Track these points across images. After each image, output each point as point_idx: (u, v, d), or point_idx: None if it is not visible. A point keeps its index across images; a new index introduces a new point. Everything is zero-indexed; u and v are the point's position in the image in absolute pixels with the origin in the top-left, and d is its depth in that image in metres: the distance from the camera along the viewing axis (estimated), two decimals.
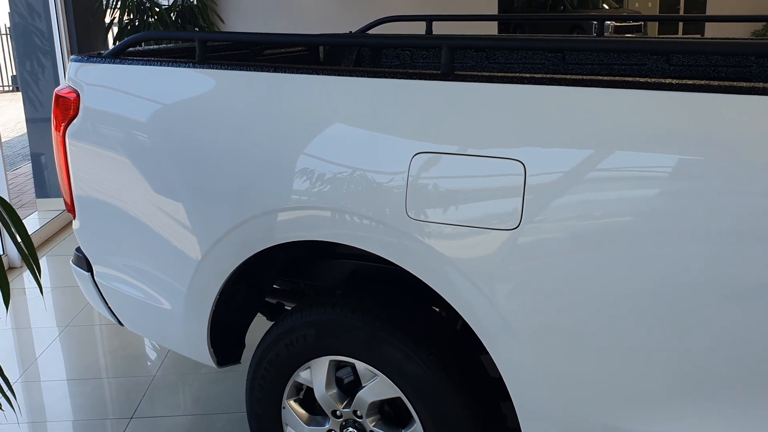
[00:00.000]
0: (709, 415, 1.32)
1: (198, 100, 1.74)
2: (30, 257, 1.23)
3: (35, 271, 1.25)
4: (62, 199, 4.80)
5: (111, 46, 5.93)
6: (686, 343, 1.29)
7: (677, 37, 8.96)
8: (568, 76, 1.35)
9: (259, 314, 2.17)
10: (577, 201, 1.32)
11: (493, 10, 6.92)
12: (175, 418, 2.56)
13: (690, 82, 1.25)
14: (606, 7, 13.94)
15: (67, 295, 3.75)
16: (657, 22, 11.58)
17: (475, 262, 1.43)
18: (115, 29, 5.59)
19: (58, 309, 3.60)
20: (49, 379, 2.87)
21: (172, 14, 5.65)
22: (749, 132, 1.19)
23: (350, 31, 3.19)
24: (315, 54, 3.14)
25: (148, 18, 5.47)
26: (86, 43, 5.37)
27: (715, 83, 1.23)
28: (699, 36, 8.57)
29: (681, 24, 10.19)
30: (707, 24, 7.43)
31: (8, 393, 2.44)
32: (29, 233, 3.86)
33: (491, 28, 7.16)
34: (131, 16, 5.53)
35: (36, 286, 3.93)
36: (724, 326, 1.26)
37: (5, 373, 2.39)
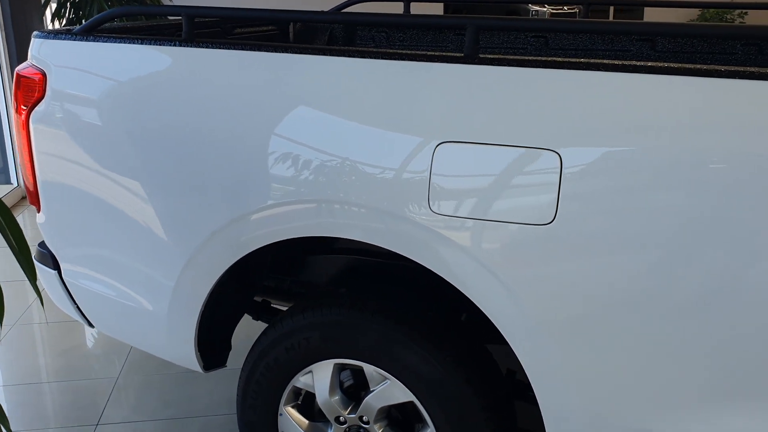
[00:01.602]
0: (743, 416, 1.27)
1: (186, 83, 1.58)
2: (27, 265, 1.07)
3: (33, 278, 1.09)
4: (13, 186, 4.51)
5: (49, 23, 5.57)
6: (724, 343, 1.23)
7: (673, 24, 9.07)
8: (609, 61, 1.27)
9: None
10: (617, 194, 1.24)
11: None
12: (145, 423, 2.39)
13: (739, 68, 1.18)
14: None
15: (14, 289, 3.49)
16: (588, 7, 11.71)
17: (505, 259, 1.34)
18: (54, 6, 5.24)
19: (13, 304, 3.35)
20: (2, 384, 2.65)
21: None
22: None
23: (323, 11, 3.03)
24: (285, 33, 2.98)
25: None
26: (21, 21, 5.02)
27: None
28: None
29: (611, 9, 10.30)
30: (646, 10, 7.52)
31: None
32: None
33: (435, 9, 7.05)
34: None
35: None
36: (761, 326, 1.20)
37: None
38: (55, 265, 1.93)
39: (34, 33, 1.82)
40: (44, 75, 1.76)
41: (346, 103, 1.44)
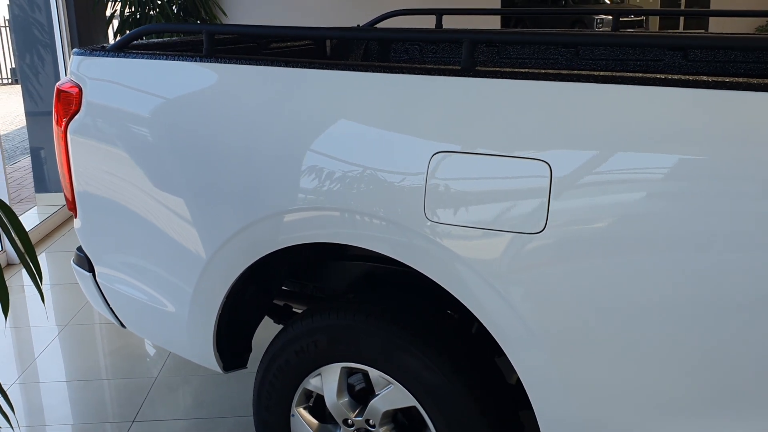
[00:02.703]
0: (736, 422, 1.26)
1: (206, 96, 1.67)
2: (31, 263, 1.16)
3: (36, 276, 1.18)
4: (62, 194, 4.72)
5: (112, 39, 5.85)
6: (714, 348, 1.23)
7: (691, 33, 8.89)
8: (599, 73, 1.29)
9: (266, 317, 2.10)
10: (606, 203, 1.25)
11: (496, 4, 6.86)
12: (178, 422, 2.49)
13: (724, 79, 1.19)
14: (608, 1, 13.82)
15: (66, 293, 3.68)
16: (658, 17, 11.49)
17: (497, 266, 1.37)
18: (116, 22, 5.50)
19: (58, 307, 3.53)
20: (48, 381, 2.81)
21: (173, 7, 5.57)
22: None
23: (358, 25, 3.11)
24: (322, 48, 3.07)
25: (149, 11, 5.39)
26: (87, 36, 5.29)
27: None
28: (713, 32, 8.52)
29: (682, 19, 10.10)
30: (711, 19, 7.36)
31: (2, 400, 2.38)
32: (28, 230, 3.78)
33: (494, 22, 7.08)
34: (132, 9, 5.45)
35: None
36: (750, 332, 1.19)
37: None
38: (90, 269, 2.05)
39: (74, 50, 1.95)
40: (80, 89, 1.88)
41: (348, 115, 1.49)
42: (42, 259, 4.28)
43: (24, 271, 4.05)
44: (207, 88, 1.67)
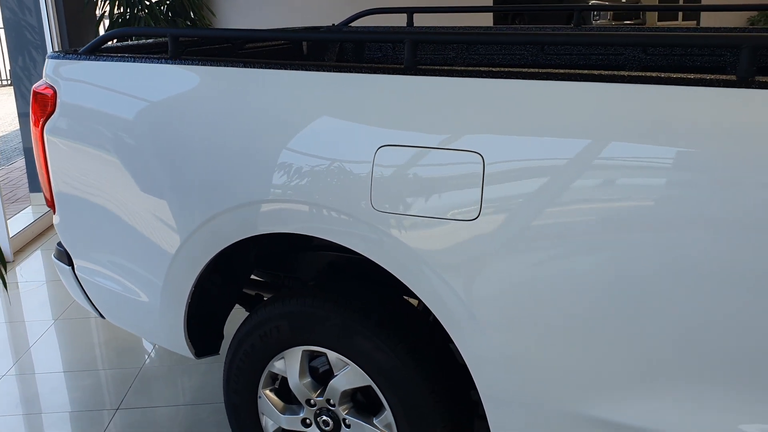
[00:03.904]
0: (671, 400, 1.35)
1: (169, 96, 1.77)
2: None
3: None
4: None
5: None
6: (647, 329, 1.32)
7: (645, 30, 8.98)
8: (523, 70, 1.38)
9: (239, 306, 2.20)
10: (535, 191, 1.35)
11: (487, 1, 6.92)
12: (160, 409, 2.60)
13: (641, 74, 1.28)
14: None
15: (61, 289, 3.78)
16: (656, 11, 11.59)
17: (438, 252, 1.46)
18: (107, 23, 5.59)
19: (52, 302, 3.63)
20: (39, 372, 2.91)
21: (162, 7, 5.65)
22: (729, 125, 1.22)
23: (333, 24, 3.20)
24: (299, 47, 3.16)
25: (138, 12, 5.48)
26: (77, 38, 5.38)
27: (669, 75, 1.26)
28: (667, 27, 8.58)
29: (681, 12, 10.21)
30: (703, 12, 7.44)
31: None
32: (22, 228, 3.86)
33: (487, 19, 7.15)
34: (121, 10, 5.53)
35: (30, 280, 3.97)
36: (681, 313, 1.28)
37: None
38: (70, 262, 2.15)
39: (48, 54, 2.04)
40: (55, 91, 1.97)
41: (301, 112, 1.58)
42: (37, 256, 4.39)
43: (18, 267, 4.16)
44: (171, 88, 1.77)
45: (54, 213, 2.13)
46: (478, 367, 1.50)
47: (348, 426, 1.78)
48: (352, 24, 3.16)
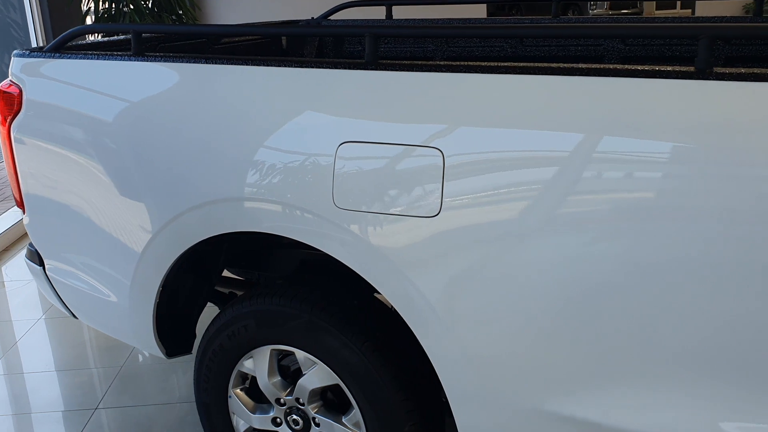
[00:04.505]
0: (631, 396, 1.34)
1: (134, 92, 1.74)
2: None
3: None
4: None
5: (89, 37, 5.90)
6: (608, 327, 1.30)
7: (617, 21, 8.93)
8: (482, 64, 1.36)
9: (213, 305, 2.18)
10: (495, 187, 1.32)
11: None
12: (138, 408, 2.58)
13: (594, 66, 1.26)
14: None
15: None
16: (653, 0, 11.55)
17: (399, 250, 1.44)
18: (91, 19, 5.55)
19: (37, 301, 3.61)
20: (20, 372, 2.89)
21: (147, 3, 5.61)
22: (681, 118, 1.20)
23: (312, 17, 3.17)
24: (278, 42, 3.13)
25: (123, 7, 5.44)
26: (61, 33, 5.34)
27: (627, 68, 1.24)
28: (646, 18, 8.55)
29: (678, 1, 10.20)
30: (698, 1, 7.42)
31: None
32: (8, 227, 3.82)
33: (481, 11, 7.10)
34: (106, 6, 5.49)
35: (16, 279, 3.95)
36: (641, 310, 1.27)
37: None
38: (41, 262, 2.13)
39: (14, 52, 2.02)
40: (21, 90, 1.95)
41: (264, 108, 1.56)
42: (23, 255, 4.37)
43: (4, 266, 4.14)
44: (134, 85, 1.74)
45: (23, 213, 2.11)
46: (443, 366, 1.49)
47: (318, 425, 1.76)
48: (332, 17, 3.13)
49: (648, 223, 1.22)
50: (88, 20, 5.68)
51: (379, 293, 1.80)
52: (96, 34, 5.20)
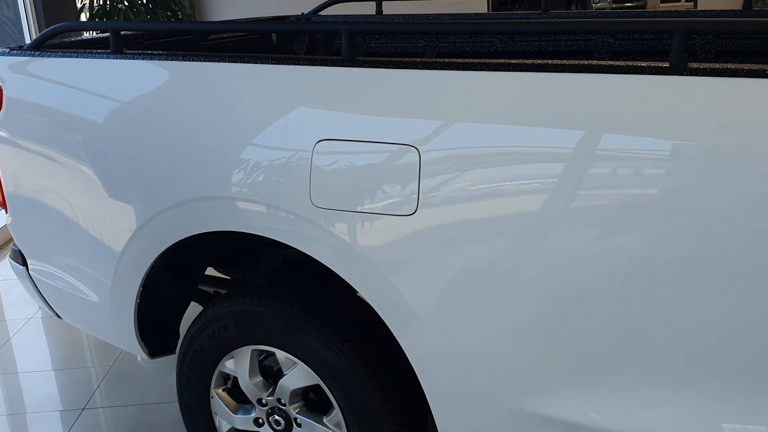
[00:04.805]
0: (612, 397, 1.32)
1: (112, 91, 1.72)
2: None
3: None
4: None
5: (84, 33, 5.88)
6: (585, 326, 1.28)
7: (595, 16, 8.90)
8: (458, 61, 1.34)
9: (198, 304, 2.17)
10: (471, 185, 1.30)
11: None
12: (127, 408, 2.57)
13: (570, 62, 1.24)
14: None
15: None
16: None
17: (377, 248, 1.42)
18: (86, 16, 5.53)
19: (29, 300, 3.60)
20: (9, 372, 2.88)
21: None
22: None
23: (302, 13, 3.15)
24: (268, 38, 3.11)
25: (117, 3, 5.42)
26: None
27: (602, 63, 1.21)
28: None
29: None
30: None
31: None
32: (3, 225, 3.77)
33: (481, 5, 7.06)
34: (101, 2, 5.47)
35: (7, 278, 3.94)
36: (616, 310, 1.25)
37: None
38: (24, 263, 2.12)
39: None
40: (1, 88, 1.93)
41: (242, 105, 1.54)
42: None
43: None
44: (112, 83, 1.72)
45: (6, 213, 2.09)
46: (422, 366, 1.47)
47: (299, 425, 1.75)
48: (322, 13, 3.11)
49: (623, 221, 1.20)
50: (83, 17, 5.66)
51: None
52: (96, 32, 5.19)
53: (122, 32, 2.49)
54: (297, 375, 1.68)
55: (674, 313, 1.21)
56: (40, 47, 1.91)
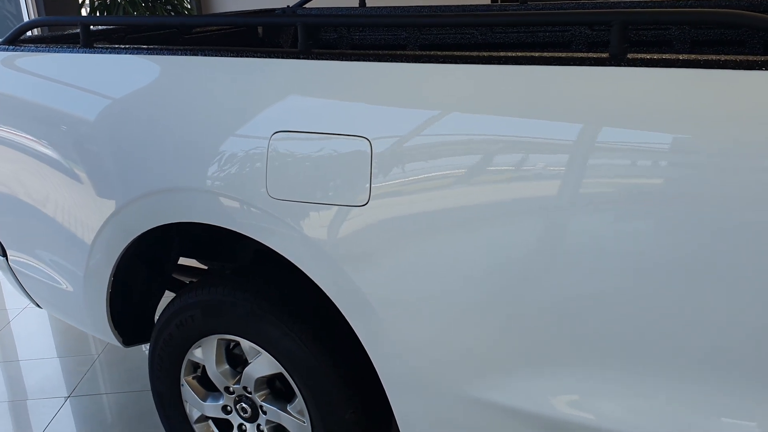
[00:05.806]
0: (567, 382, 1.34)
1: (81, 84, 1.76)
2: None
3: None
4: None
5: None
6: (533, 314, 1.30)
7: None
8: (409, 53, 1.35)
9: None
10: (421, 175, 1.32)
11: None
12: (111, 395, 2.62)
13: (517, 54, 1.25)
14: None
15: None
16: None
17: (331, 239, 1.44)
18: (86, 10, 5.57)
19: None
20: (5, 360, 2.94)
21: None
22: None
23: (287, 6, 3.17)
24: (254, 31, 3.13)
25: None
26: (58, 27, 5.37)
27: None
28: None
29: None
30: None
31: None
32: None
33: None
34: None
35: None
36: (563, 295, 1.27)
37: None
38: (4, 253, 2.16)
39: None
40: None
41: (202, 98, 1.57)
42: None
43: None
44: (81, 77, 1.75)
45: None
46: (378, 354, 1.49)
47: (265, 413, 1.78)
48: (306, 6, 3.12)
49: (565, 210, 1.22)
50: (83, 12, 5.71)
51: None
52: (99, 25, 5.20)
53: (114, 27, 2.53)
54: (261, 364, 1.71)
55: (633, 298, 1.22)
56: (13, 42, 1.94)
